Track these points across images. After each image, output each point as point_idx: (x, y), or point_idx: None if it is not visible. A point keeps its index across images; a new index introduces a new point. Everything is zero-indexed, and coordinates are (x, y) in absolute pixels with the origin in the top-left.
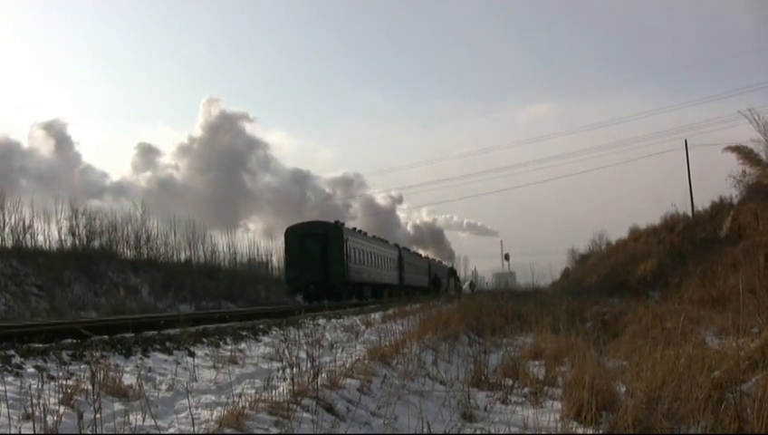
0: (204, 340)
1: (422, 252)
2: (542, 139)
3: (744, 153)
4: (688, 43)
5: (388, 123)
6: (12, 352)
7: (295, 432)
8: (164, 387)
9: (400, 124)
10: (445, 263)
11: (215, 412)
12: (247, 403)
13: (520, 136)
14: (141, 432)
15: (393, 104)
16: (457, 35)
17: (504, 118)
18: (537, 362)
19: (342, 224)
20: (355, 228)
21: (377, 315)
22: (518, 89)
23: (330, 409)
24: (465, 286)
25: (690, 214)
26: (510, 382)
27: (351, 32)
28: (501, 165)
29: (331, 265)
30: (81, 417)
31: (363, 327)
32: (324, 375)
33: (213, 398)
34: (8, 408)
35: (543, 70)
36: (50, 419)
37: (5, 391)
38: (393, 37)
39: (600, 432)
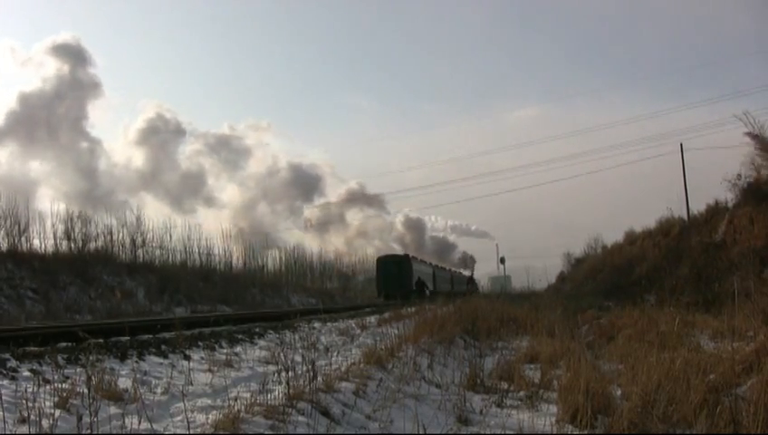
0: (199, 343)
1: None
2: (534, 142)
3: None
4: (681, 46)
5: (376, 126)
6: (7, 355)
7: None
8: (159, 390)
9: (388, 128)
10: (465, 272)
11: (210, 416)
12: (243, 407)
13: (508, 139)
14: None
15: (380, 107)
16: (443, 38)
17: (491, 121)
18: (532, 366)
19: (409, 254)
20: (415, 256)
21: (372, 319)
22: (505, 92)
23: (325, 412)
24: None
25: (686, 217)
26: (505, 386)
27: (338, 34)
28: (492, 169)
29: (403, 280)
30: (80, 419)
31: (359, 331)
32: (320, 379)
33: (208, 401)
34: (3, 411)
35: (530, 73)
36: (45, 422)
37: (1, 395)
38: (380, 40)
39: (596, 433)
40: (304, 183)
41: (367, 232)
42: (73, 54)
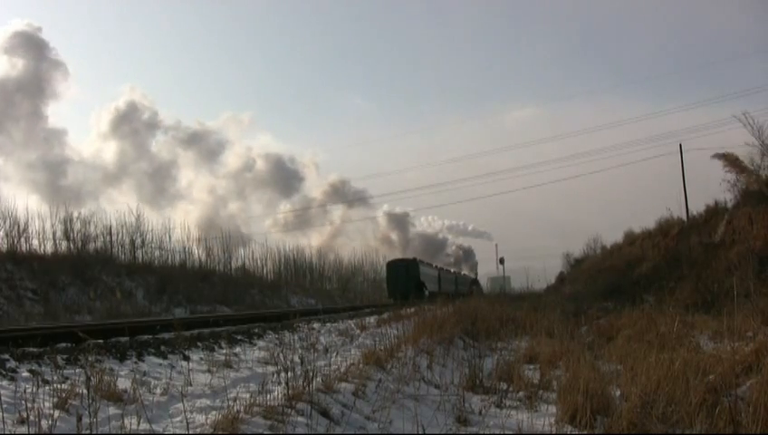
0: (199, 344)
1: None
2: (533, 143)
3: (731, 160)
4: (681, 46)
5: (375, 128)
6: (6, 356)
7: None
8: (159, 391)
9: (387, 129)
10: (469, 274)
11: (209, 417)
12: (242, 407)
13: (507, 140)
14: None
15: (379, 109)
16: (441, 38)
17: (490, 122)
18: (532, 366)
19: (416, 258)
20: (422, 260)
21: (372, 319)
22: (503, 92)
23: (324, 413)
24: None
25: (685, 218)
26: (505, 386)
27: (336, 35)
28: (491, 169)
29: (411, 282)
30: (80, 419)
31: (358, 331)
32: (319, 379)
33: (208, 402)
34: (3, 412)
35: (529, 73)
36: (44, 422)
37: (0, 395)
38: (378, 41)
39: (596, 433)
40: (284, 178)
41: (348, 230)
42: (32, 43)
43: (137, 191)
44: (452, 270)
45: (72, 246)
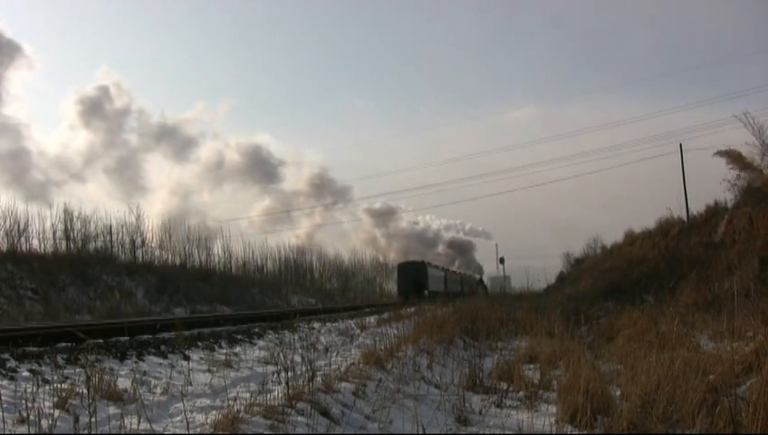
0: (199, 343)
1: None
2: (532, 143)
3: (734, 157)
4: (681, 46)
5: (374, 128)
6: (6, 355)
7: None
8: (159, 391)
9: (386, 128)
10: (475, 275)
11: (209, 416)
12: (242, 407)
13: (505, 140)
14: None
15: (378, 108)
16: (439, 39)
17: (488, 122)
18: (532, 366)
19: (424, 261)
20: (429, 262)
21: (372, 319)
22: (502, 92)
23: (325, 413)
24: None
25: (685, 218)
26: (505, 386)
27: (335, 35)
28: (491, 169)
29: (420, 282)
30: (77, 420)
31: (358, 331)
32: (319, 379)
33: (208, 402)
34: (3, 411)
35: (528, 73)
36: (44, 422)
37: (0, 395)
38: (377, 41)
39: (596, 433)
40: (262, 172)
41: (331, 227)
42: None
43: (106, 184)
44: (457, 271)
45: (72, 245)
